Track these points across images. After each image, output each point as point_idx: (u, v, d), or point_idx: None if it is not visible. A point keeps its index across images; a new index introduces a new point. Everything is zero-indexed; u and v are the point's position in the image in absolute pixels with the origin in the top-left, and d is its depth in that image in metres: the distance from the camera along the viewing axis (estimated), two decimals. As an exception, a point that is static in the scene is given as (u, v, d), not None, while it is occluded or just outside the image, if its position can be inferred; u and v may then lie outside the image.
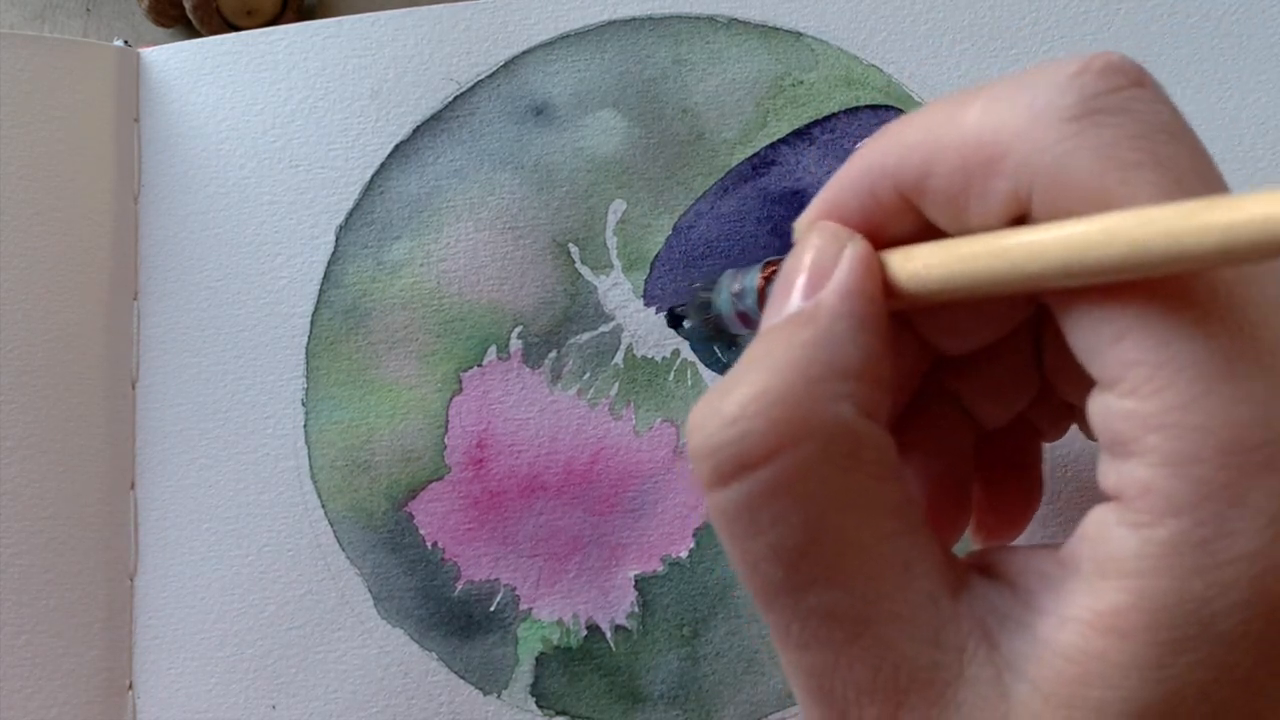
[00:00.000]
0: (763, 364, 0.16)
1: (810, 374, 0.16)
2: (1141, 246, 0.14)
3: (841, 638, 0.16)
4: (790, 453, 0.16)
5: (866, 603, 0.16)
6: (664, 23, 0.33)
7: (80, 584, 0.31)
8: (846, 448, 0.16)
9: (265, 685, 0.31)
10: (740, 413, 0.16)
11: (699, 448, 0.16)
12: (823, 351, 0.16)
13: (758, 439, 0.16)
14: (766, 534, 0.16)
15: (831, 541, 0.16)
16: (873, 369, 0.17)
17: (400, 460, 0.31)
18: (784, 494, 0.16)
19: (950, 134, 0.17)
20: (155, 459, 0.32)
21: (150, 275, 0.33)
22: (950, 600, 0.16)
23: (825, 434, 0.16)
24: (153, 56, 0.35)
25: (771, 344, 0.17)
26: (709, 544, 0.30)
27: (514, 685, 0.30)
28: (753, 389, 0.16)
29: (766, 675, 0.29)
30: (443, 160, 0.33)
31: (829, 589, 0.16)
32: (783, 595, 0.16)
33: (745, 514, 0.16)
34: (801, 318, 0.17)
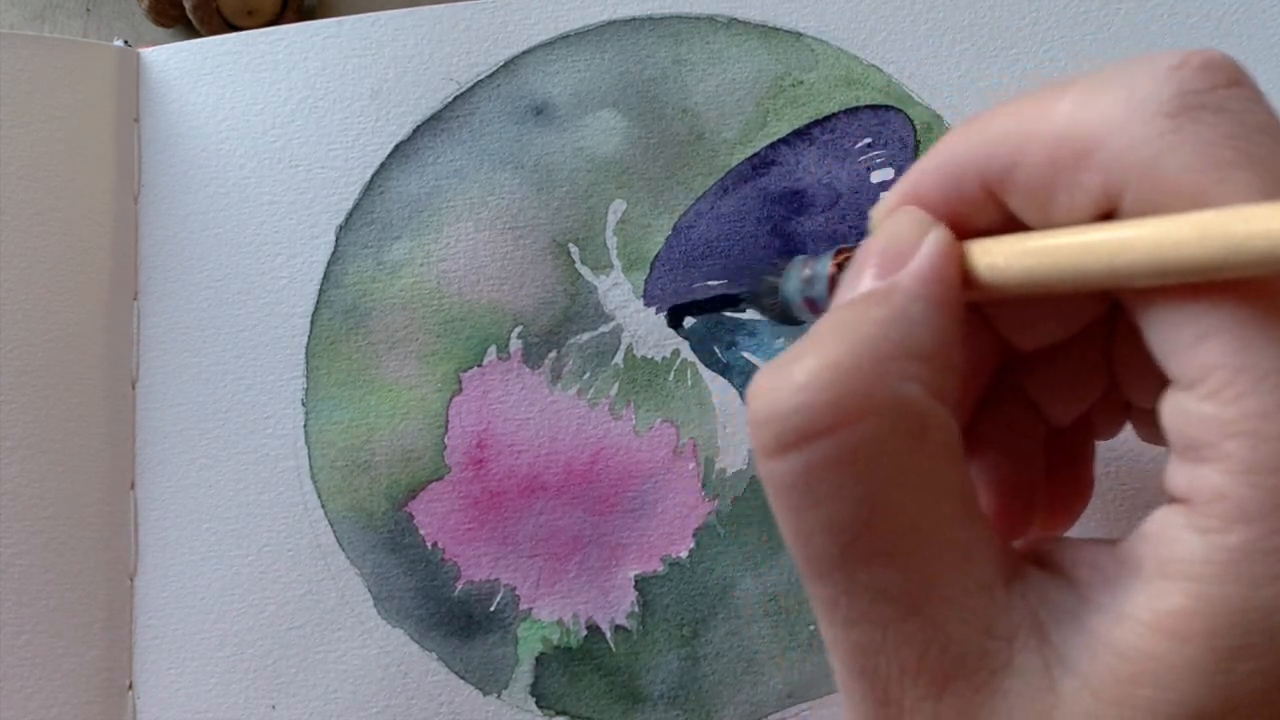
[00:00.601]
0: (834, 337, 0.16)
1: (881, 351, 0.16)
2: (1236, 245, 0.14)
3: (891, 616, 0.16)
4: (855, 427, 0.15)
5: (920, 584, 0.16)
6: (664, 23, 0.33)
7: (80, 584, 0.31)
8: (912, 427, 0.16)
9: (265, 685, 0.31)
10: (808, 382, 0.16)
11: (761, 413, 0.16)
12: (895, 330, 0.16)
13: (823, 410, 0.15)
14: (823, 506, 0.16)
15: (890, 520, 0.16)
16: (944, 353, 0.16)
17: (400, 460, 0.31)
18: (845, 467, 0.15)
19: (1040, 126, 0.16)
20: (155, 459, 0.32)
21: (150, 275, 0.33)
22: (1004, 589, 0.16)
23: (892, 411, 0.16)
24: (153, 56, 0.35)
25: (844, 318, 0.17)
26: (709, 544, 0.30)
27: (514, 685, 0.30)
28: (822, 360, 0.16)
29: (766, 675, 0.29)
30: (443, 160, 0.33)
31: (884, 567, 0.16)
32: (835, 570, 0.16)
33: (803, 484, 0.16)
34: (877, 296, 0.17)
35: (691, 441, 0.31)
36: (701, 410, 0.31)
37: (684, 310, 0.31)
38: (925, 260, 0.17)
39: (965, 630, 0.15)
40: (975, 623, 0.15)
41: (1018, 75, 0.31)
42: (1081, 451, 0.23)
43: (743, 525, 0.30)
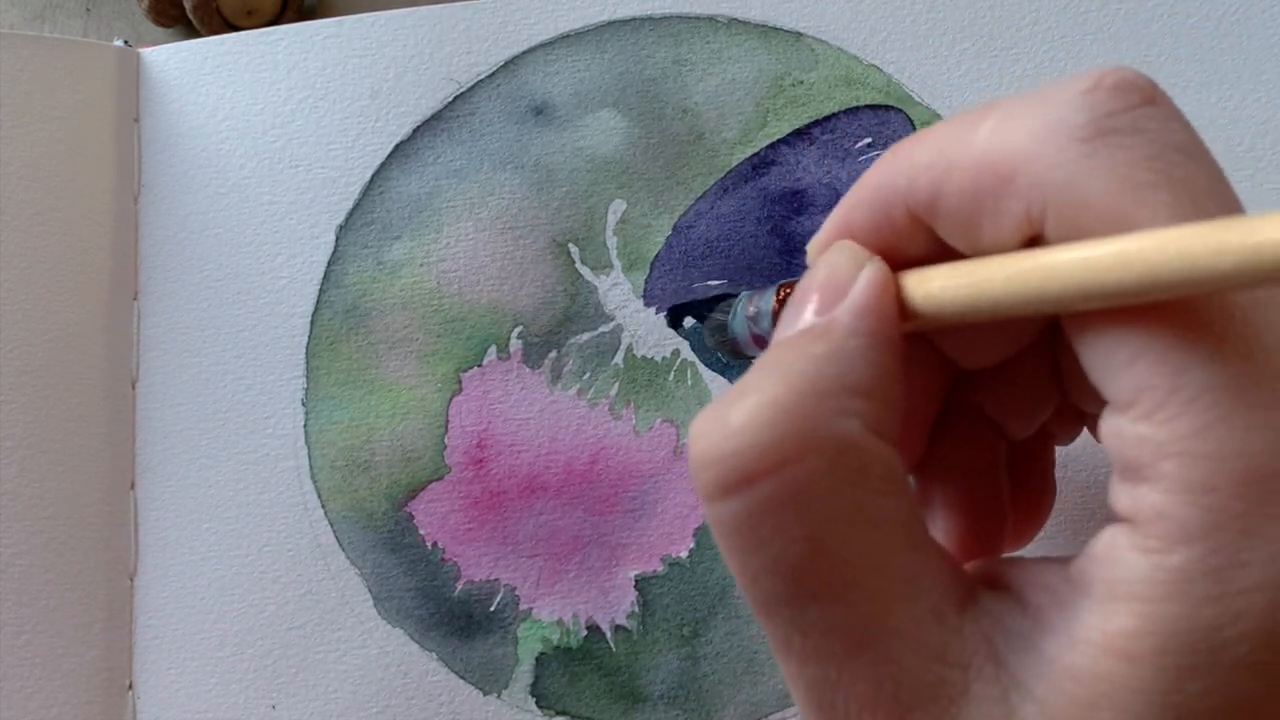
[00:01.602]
0: (772, 375, 0.16)
1: (819, 388, 0.16)
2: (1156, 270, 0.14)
3: (843, 652, 0.16)
4: (795, 466, 0.15)
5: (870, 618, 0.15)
6: (664, 23, 0.33)
7: (80, 584, 0.31)
8: (853, 463, 0.16)
9: (265, 685, 0.31)
10: (747, 423, 0.16)
11: (701, 457, 0.16)
12: (834, 366, 0.16)
13: (763, 451, 0.15)
14: (768, 547, 0.16)
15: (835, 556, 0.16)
16: (884, 388, 0.16)
17: (400, 460, 0.31)
18: (787, 508, 0.15)
19: (961, 154, 0.16)
20: (155, 459, 0.32)
21: (150, 275, 0.33)
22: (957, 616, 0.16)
23: (832, 449, 0.16)
24: (153, 56, 0.35)
25: (782, 356, 0.16)
26: (709, 544, 0.30)
27: (514, 685, 0.30)
28: (760, 399, 0.16)
29: (766, 675, 0.29)
30: (443, 160, 0.33)
31: (831, 604, 0.16)
32: (784, 609, 0.16)
33: (746, 527, 0.16)
34: (815, 332, 0.17)
35: (691, 441, 0.31)
36: (701, 410, 0.31)
37: (684, 310, 0.31)
38: (861, 295, 0.17)
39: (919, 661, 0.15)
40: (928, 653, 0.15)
41: (1018, 75, 0.31)
42: (1042, 460, 0.23)
43: (743, 525, 0.30)
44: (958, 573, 0.17)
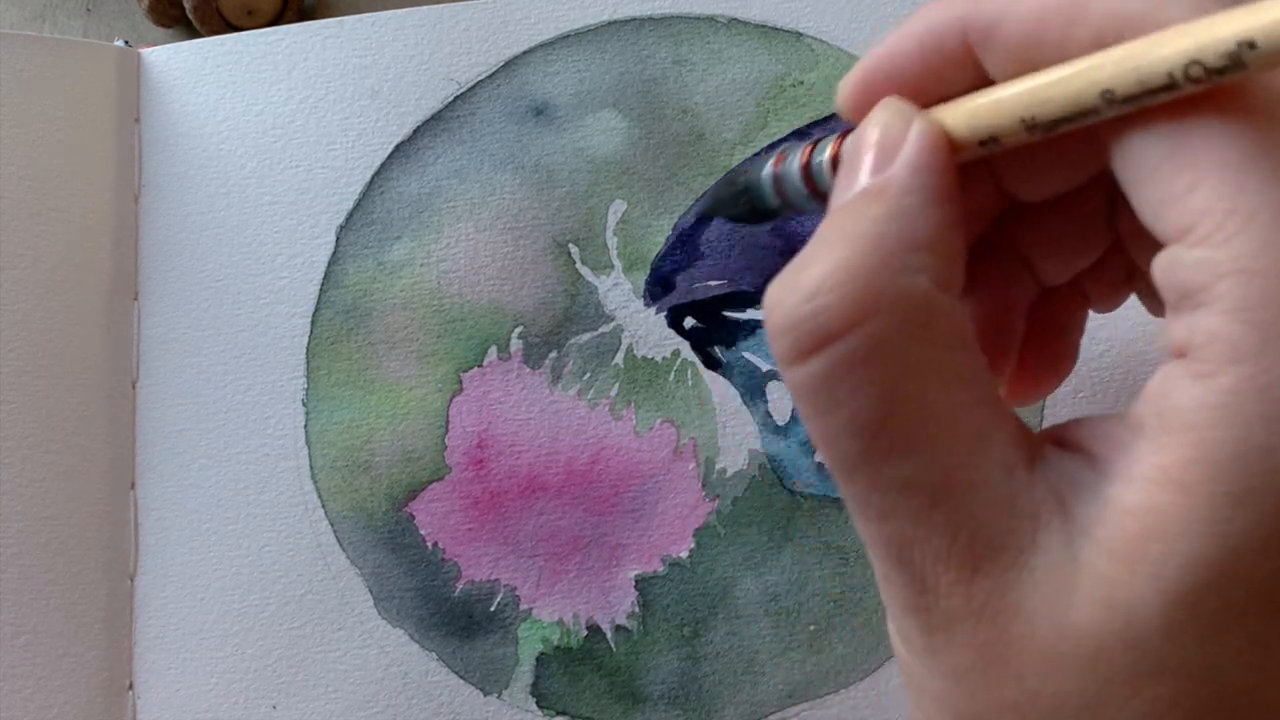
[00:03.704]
0: (836, 240, 0.16)
1: (883, 248, 0.16)
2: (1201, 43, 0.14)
3: (919, 507, 0.16)
4: (867, 326, 0.16)
5: (944, 472, 0.16)
6: (664, 23, 0.33)
7: (80, 584, 0.31)
8: (922, 319, 0.16)
9: (265, 685, 0.31)
10: (817, 288, 0.16)
11: (777, 324, 0.16)
12: (894, 225, 0.16)
13: (834, 313, 0.16)
14: (845, 407, 0.16)
15: (909, 413, 0.16)
16: (945, 241, 0.17)
17: (401, 460, 0.31)
18: (862, 367, 0.16)
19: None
20: (155, 459, 0.32)
21: (150, 275, 0.33)
22: (1025, 470, 0.16)
23: (901, 306, 0.16)
24: (153, 56, 0.35)
25: (843, 220, 0.17)
26: (709, 544, 0.30)
27: (514, 685, 0.30)
28: (827, 265, 0.16)
29: (766, 675, 0.29)
30: (443, 160, 0.33)
31: (906, 459, 0.16)
32: (862, 467, 0.16)
33: (824, 388, 0.16)
34: (871, 193, 0.17)
35: (692, 441, 0.31)
36: (701, 410, 0.31)
37: (684, 310, 0.31)
38: (913, 150, 0.17)
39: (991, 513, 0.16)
40: (1000, 504, 0.16)
41: (1018, 76, 0.31)
42: (1070, 320, 0.23)
43: (743, 525, 0.30)
44: (1026, 430, 0.17)
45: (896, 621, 0.17)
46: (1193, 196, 0.15)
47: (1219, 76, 0.14)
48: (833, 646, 0.29)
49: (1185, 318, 0.15)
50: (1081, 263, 0.21)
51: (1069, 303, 0.22)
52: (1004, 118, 0.17)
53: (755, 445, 0.30)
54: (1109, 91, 0.15)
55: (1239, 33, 0.14)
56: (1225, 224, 0.14)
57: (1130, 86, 0.15)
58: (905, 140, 0.17)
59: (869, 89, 0.19)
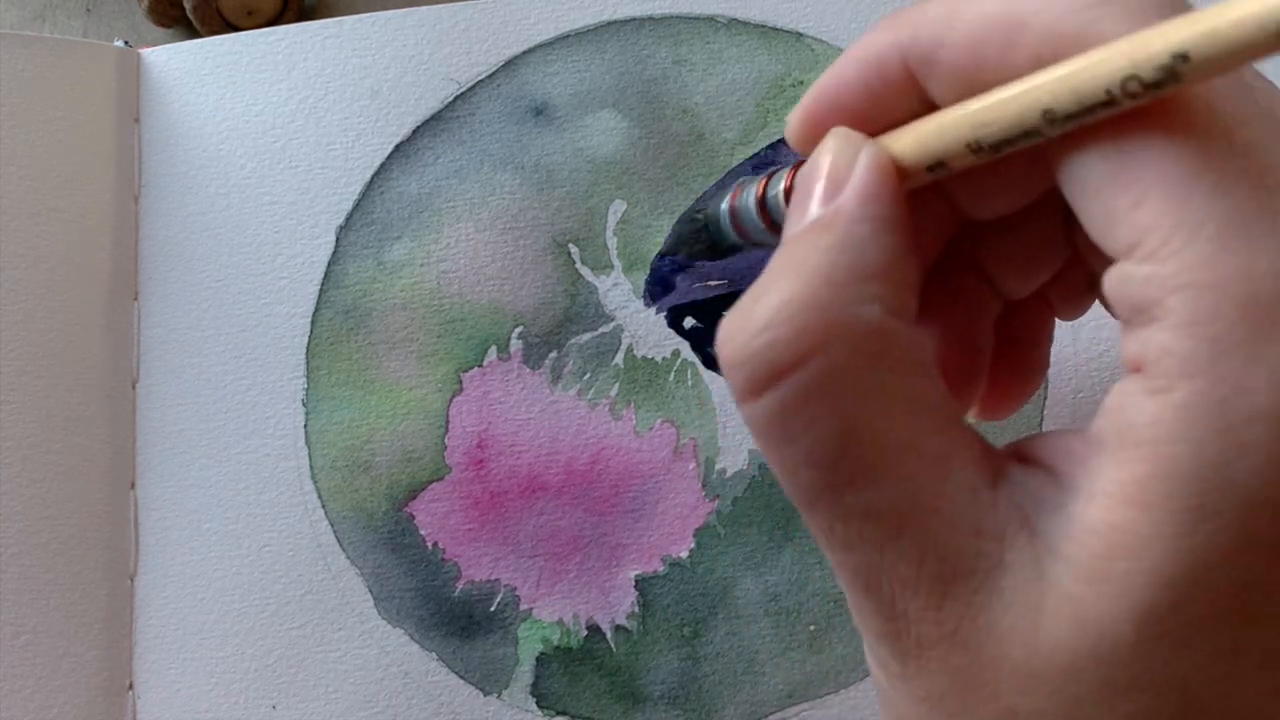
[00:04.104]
0: (787, 272, 0.16)
1: (834, 278, 0.16)
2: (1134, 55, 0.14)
3: (884, 535, 0.16)
4: (820, 357, 0.16)
5: (906, 499, 0.16)
6: (664, 23, 0.33)
7: (80, 584, 0.31)
8: (876, 348, 0.16)
9: (265, 685, 0.31)
10: (768, 321, 0.16)
11: (731, 358, 0.16)
12: (845, 255, 0.16)
13: (787, 346, 0.16)
14: (802, 439, 0.16)
15: (867, 441, 0.16)
16: (897, 269, 0.17)
17: (401, 460, 0.31)
18: (816, 398, 0.16)
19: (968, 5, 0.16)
20: (155, 459, 0.32)
21: (150, 275, 0.33)
22: (989, 490, 0.16)
23: (854, 336, 0.16)
24: (153, 57, 0.35)
25: (794, 252, 0.17)
26: (709, 544, 0.30)
27: (514, 685, 0.30)
28: (779, 297, 0.16)
29: (766, 675, 0.29)
30: (443, 160, 0.33)
31: (867, 488, 0.16)
32: (823, 498, 0.16)
33: (780, 421, 0.16)
34: (821, 224, 0.17)
35: (692, 441, 0.31)
36: (701, 410, 0.31)
37: (684, 310, 0.31)
38: (861, 179, 0.17)
39: (956, 536, 0.16)
40: (964, 528, 0.16)
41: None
42: (1037, 332, 0.23)
43: (743, 525, 0.30)
44: (988, 449, 0.17)
45: (871, 648, 0.17)
46: (1138, 212, 0.15)
47: (1156, 90, 0.14)
48: (833, 646, 0.29)
49: (1138, 333, 0.15)
50: (1042, 275, 0.21)
51: (1035, 314, 0.22)
52: (949, 142, 0.17)
53: (755, 445, 0.30)
54: (1050, 111, 0.15)
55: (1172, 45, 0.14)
56: (1171, 239, 0.14)
57: (1070, 105, 0.15)
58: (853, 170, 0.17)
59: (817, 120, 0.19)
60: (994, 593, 0.15)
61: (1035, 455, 0.17)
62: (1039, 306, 0.22)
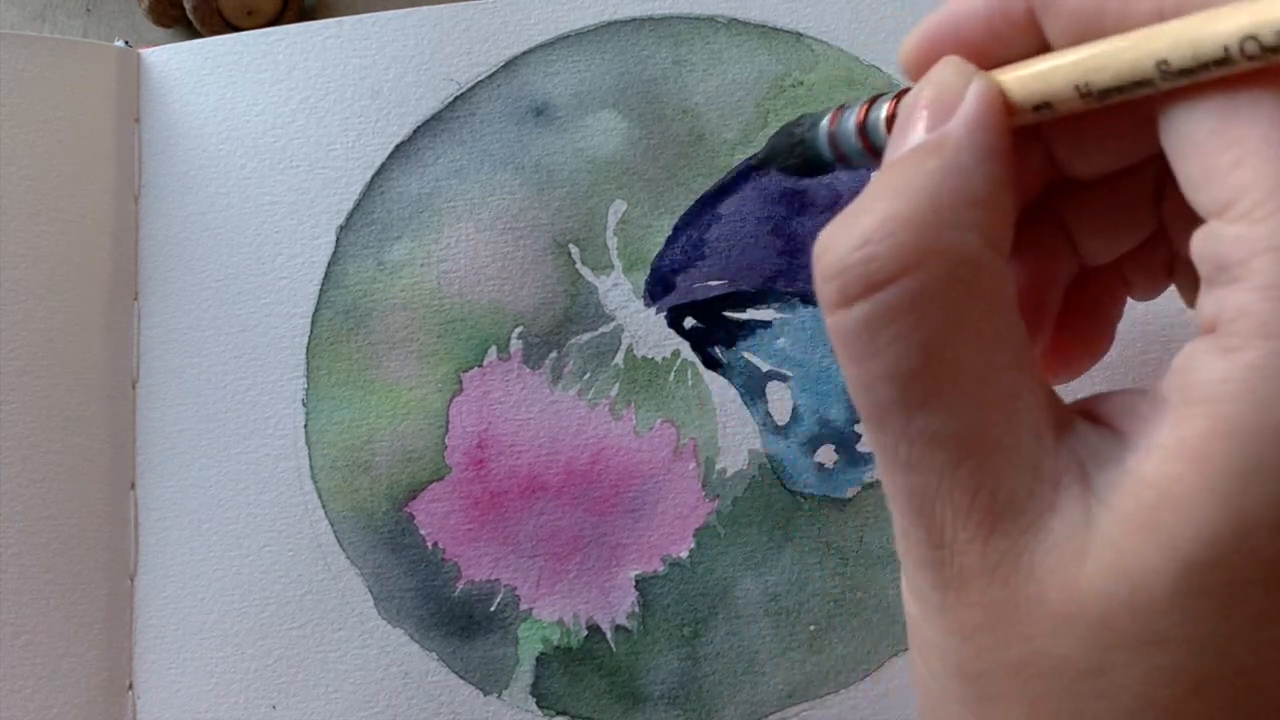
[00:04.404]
0: (891, 191, 0.16)
1: (938, 201, 0.16)
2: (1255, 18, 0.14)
3: (945, 461, 0.16)
4: (915, 275, 0.16)
5: (973, 429, 0.16)
6: (664, 23, 0.33)
7: (80, 584, 0.31)
8: (969, 275, 0.16)
9: (265, 685, 0.31)
10: (869, 235, 0.16)
11: (827, 268, 0.16)
12: (950, 180, 0.16)
13: (885, 261, 0.16)
14: (884, 354, 0.16)
15: (946, 366, 0.16)
16: (998, 201, 0.17)
17: (401, 460, 0.31)
18: (905, 315, 0.16)
19: None
20: (155, 459, 0.32)
21: (150, 275, 0.33)
22: (1053, 437, 0.16)
23: (950, 259, 0.16)
24: (153, 57, 0.35)
25: (899, 173, 0.17)
26: (709, 544, 0.30)
27: (514, 685, 0.30)
28: (881, 214, 0.16)
29: (766, 675, 0.29)
30: (443, 160, 0.33)
31: (938, 412, 0.16)
32: (893, 416, 0.16)
33: (865, 333, 0.16)
34: (928, 147, 0.17)
35: (692, 441, 0.31)
36: (701, 410, 0.31)
37: (684, 310, 0.31)
38: (972, 108, 0.17)
39: (1014, 474, 0.16)
40: (1024, 467, 0.16)
41: (1017, 76, 0.31)
42: (1108, 303, 0.23)
43: (743, 525, 0.30)
44: (1056, 399, 0.17)
45: (909, 576, 0.17)
46: (1236, 172, 0.15)
47: (1274, 55, 0.14)
48: (833, 646, 0.29)
49: (1217, 293, 0.15)
50: (1124, 245, 0.21)
51: (1108, 285, 0.22)
52: (1059, 83, 0.17)
53: (755, 445, 0.30)
54: (1164, 62, 0.15)
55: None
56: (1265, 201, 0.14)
57: (1185, 59, 0.15)
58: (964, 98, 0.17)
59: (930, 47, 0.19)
60: (1041, 533, 0.16)
61: (1100, 413, 0.17)
62: (1114, 280, 0.22)
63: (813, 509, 0.30)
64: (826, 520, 0.30)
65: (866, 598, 0.29)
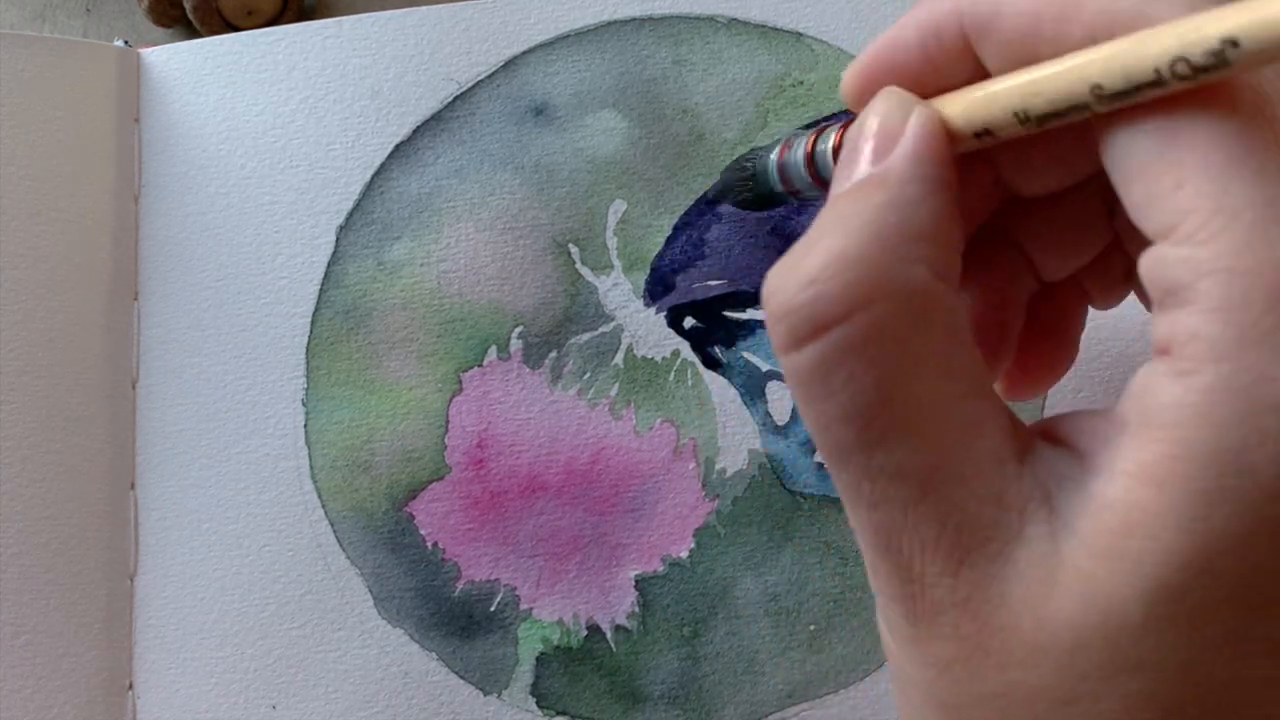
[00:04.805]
0: (836, 228, 0.16)
1: (883, 236, 0.16)
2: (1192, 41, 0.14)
3: (909, 496, 0.16)
4: (864, 313, 0.16)
5: (934, 462, 0.16)
6: (664, 23, 0.33)
7: (80, 584, 0.31)
8: (920, 309, 0.16)
9: (265, 685, 0.31)
10: (816, 275, 0.16)
11: (775, 310, 0.16)
12: (895, 214, 0.16)
13: (833, 300, 0.16)
14: (839, 394, 0.16)
15: (902, 401, 0.16)
16: (945, 231, 0.17)
17: (401, 460, 0.31)
18: (857, 353, 0.16)
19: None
20: (155, 459, 0.32)
21: (150, 275, 0.33)
22: (1015, 463, 0.16)
23: (899, 295, 0.16)
24: (153, 57, 0.35)
25: (843, 208, 0.17)
26: (709, 544, 0.30)
27: (514, 685, 0.30)
28: (827, 252, 0.16)
29: (766, 675, 0.29)
30: (443, 160, 0.33)
31: (897, 449, 0.16)
32: (854, 455, 0.16)
33: (819, 374, 0.16)
34: (872, 182, 0.17)
35: (691, 441, 0.31)
36: (701, 410, 0.31)
37: (684, 310, 0.31)
38: (913, 140, 0.17)
39: (978, 505, 0.16)
40: (988, 497, 0.16)
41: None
42: (1070, 316, 0.23)
43: (743, 525, 0.30)
44: (1017, 423, 0.17)
45: (883, 610, 0.17)
46: (1178, 194, 0.15)
47: (1205, 74, 0.14)
48: (833, 646, 0.29)
49: (1168, 315, 0.15)
50: (1080, 259, 0.21)
51: (1068, 299, 0.22)
52: (997, 110, 0.17)
53: (755, 445, 0.30)
54: (1098, 86, 0.15)
55: (1223, 31, 0.14)
56: (1209, 223, 0.14)
57: (1118, 82, 0.15)
58: (905, 130, 0.17)
59: (870, 78, 0.19)
60: (1009, 563, 0.15)
61: (1061, 434, 0.17)
62: (1074, 292, 0.22)
63: (813, 509, 0.30)
64: (826, 520, 0.30)
65: (866, 598, 0.29)
